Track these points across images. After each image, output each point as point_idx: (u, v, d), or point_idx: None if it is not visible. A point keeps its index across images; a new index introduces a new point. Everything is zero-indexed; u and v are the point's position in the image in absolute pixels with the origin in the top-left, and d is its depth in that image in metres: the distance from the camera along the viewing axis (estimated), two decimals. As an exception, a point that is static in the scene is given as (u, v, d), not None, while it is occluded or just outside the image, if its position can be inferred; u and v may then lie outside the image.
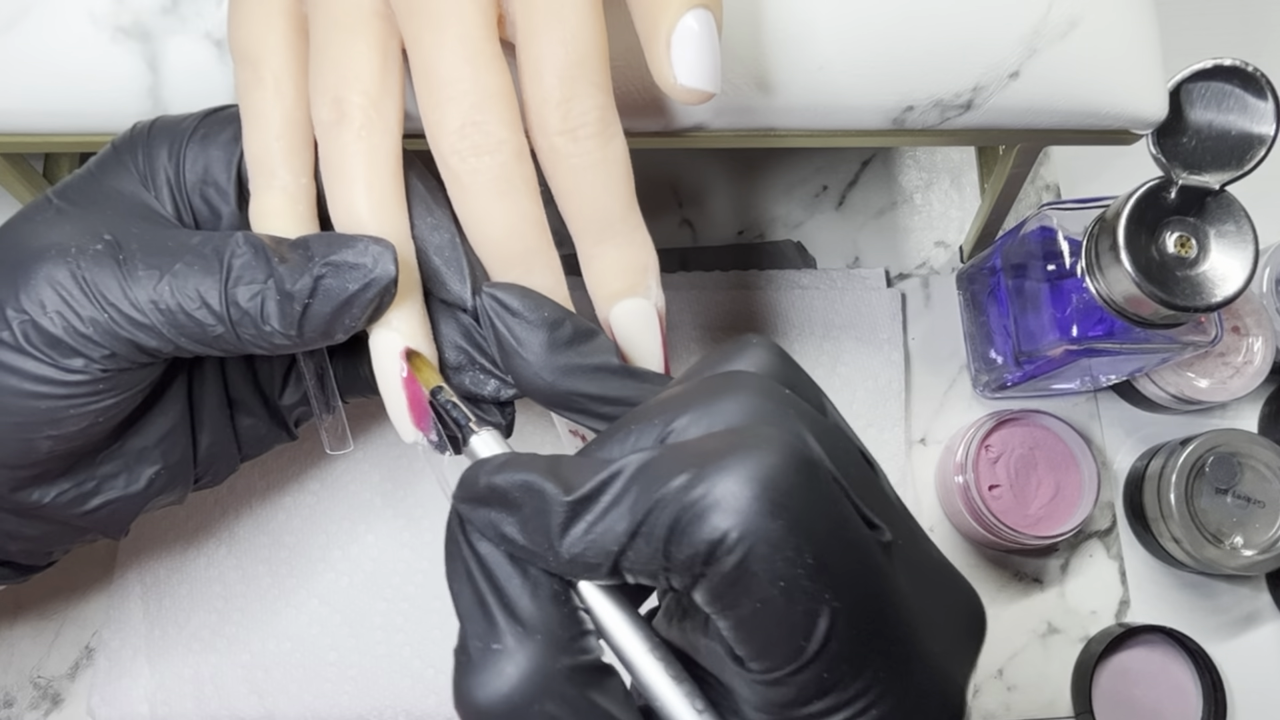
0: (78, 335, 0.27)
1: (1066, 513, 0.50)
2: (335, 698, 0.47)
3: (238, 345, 0.28)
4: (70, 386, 0.27)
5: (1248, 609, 0.52)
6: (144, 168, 0.30)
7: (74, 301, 0.26)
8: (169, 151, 0.30)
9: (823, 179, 0.57)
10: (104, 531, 0.34)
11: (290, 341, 0.27)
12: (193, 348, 0.28)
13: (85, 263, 0.27)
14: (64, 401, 0.28)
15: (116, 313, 0.27)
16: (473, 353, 0.30)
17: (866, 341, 0.53)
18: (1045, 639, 0.51)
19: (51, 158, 0.48)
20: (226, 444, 0.35)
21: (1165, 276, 0.39)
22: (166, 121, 0.30)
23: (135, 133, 0.30)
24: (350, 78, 0.27)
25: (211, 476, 0.35)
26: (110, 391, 0.28)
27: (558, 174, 0.27)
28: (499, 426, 0.31)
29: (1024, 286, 0.47)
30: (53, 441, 0.29)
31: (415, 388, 0.28)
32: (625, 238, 0.28)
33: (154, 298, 0.27)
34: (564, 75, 0.26)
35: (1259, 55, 0.39)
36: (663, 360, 0.30)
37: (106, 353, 0.27)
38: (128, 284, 0.27)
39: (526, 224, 0.27)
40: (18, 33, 0.33)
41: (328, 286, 0.27)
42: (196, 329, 0.27)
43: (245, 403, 0.35)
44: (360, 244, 0.27)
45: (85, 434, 0.29)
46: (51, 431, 0.28)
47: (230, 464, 0.36)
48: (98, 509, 0.32)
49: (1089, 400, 0.54)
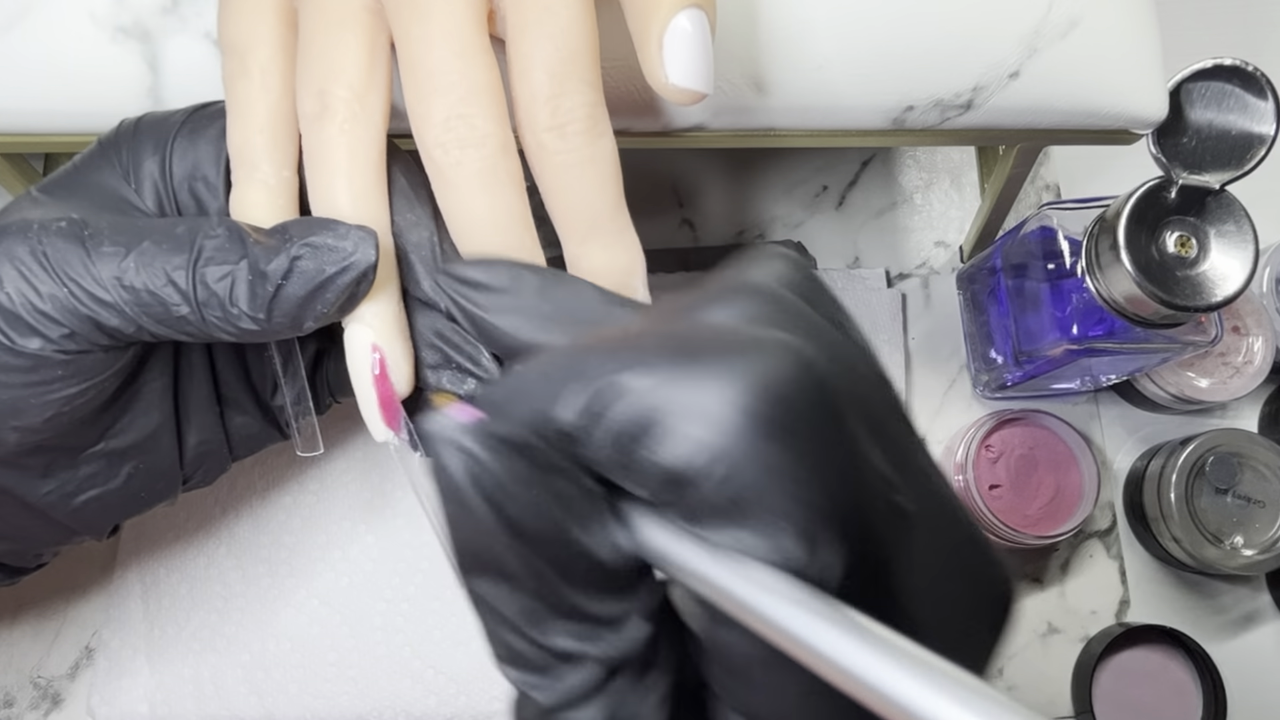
0: (35, 312, 0.26)
1: (1066, 513, 0.50)
2: (335, 698, 0.47)
3: (202, 328, 0.27)
4: (27, 371, 0.27)
5: (1248, 609, 0.52)
6: (128, 163, 0.29)
7: (33, 277, 0.26)
8: (154, 146, 0.29)
9: (823, 179, 0.57)
10: (90, 531, 0.33)
11: (257, 326, 0.27)
12: (156, 329, 0.27)
13: (47, 239, 0.26)
14: (23, 389, 0.27)
15: (77, 287, 0.26)
16: (449, 351, 0.29)
17: (866, 341, 0.53)
18: (1045, 639, 0.51)
19: (51, 158, 0.48)
20: (217, 444, 0.34)
21: (1165, 276, 0.39)
22: (153, 118, 0.30)
23: (121, 129, 0.30)
24: (336, 71, 0.27)
25: (201, 476, 0.35)
26: (71, 378, 0.27)
27: (545, 171, 0.27)
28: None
29: (1024, 286, 0.47)
30: (19, 434, 0.28)
31: (386, 385, 0.28)
32: (612, 238, 0.28)
33: (117, 274, 0.26)
34: (553, 71, 0.26)
35: (1259, 55, 0.39)
36: None
37: (65, 331, 0.26)
38: (91, 260, 0.26)
39: (510, 219, 0.27)
40: (18, 33, 0.33)
41: (303, 268, 0.26)
42: (160, 308, 0.26)
43: (237, 401, 0.34)
44: (341, 227, 0.26)
45: (51, 426, 0.28)
46: (14, 422, 0.28)
47: (221, 464, 0.35)
48: (81, 507, 0.32)
49: (1089, 400, 0.54)
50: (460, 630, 0.48)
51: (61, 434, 0.29)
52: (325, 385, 0.35)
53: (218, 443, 0.34)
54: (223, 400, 0.34)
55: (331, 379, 0.35)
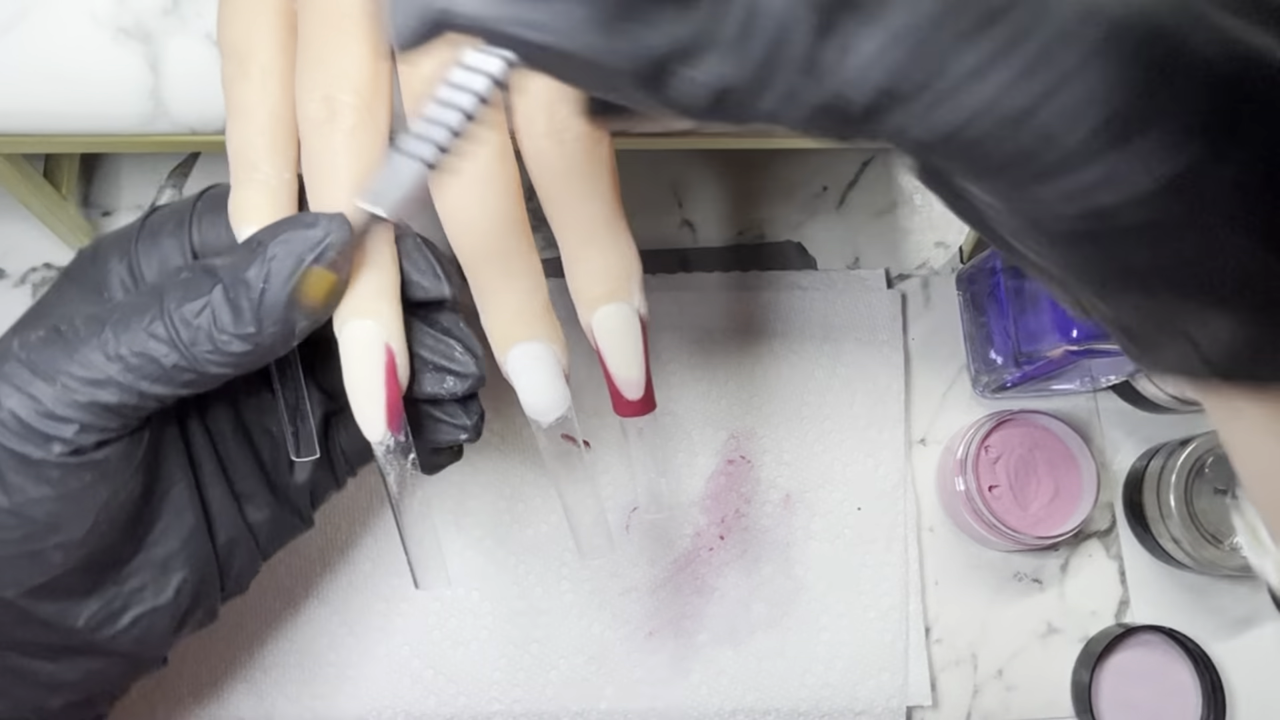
0: (41, 417, 0.26)
1: (1066, 513, 0.50)
2: (334, 698, 0.47)
3: (199, 369, 0.27)
4: (57, 483, 0.27)
5: (1248, 609, 0.52)
6: (98, 278, 0.30)
7: (29, 387, 0.26)
8: (119, 255, 0.30)
9: (823, 179, 0.57)
10: (141, 654, 0.33)
11: (251, 345, 0.26)
12: (155, 390, 0.27)
13: (31, 351, 0.26)
14: (57, 503, 0.27)
15: (69, 378, 0.26)
16: (424, 353, 0.29)
17: (866, 342, 0.53)
18: (1045, 639, 0.51)
19: (51, 158, 0.48)
20: (243, 539, 0.34)
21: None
22: (109, 235, 0.30)
23: (81, 255, 0.30)
24: (341, 76, 0.27)
25: (235, 579, 0.34)
26: (99, 481, 0.27)
27: (543, 177, 0.27)
28: (466, 429, 0.31)
29: (1024, 287, 0.47)
30: (63, 551, 0.28)
31: (394, 385, 0.28)
32: (609, 242, 0.28)
33: (100, 350, 0.26)
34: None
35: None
36: (644, 365, 0.29)
37: (75, 427, 0.26)
38: (73, 350, 0.26)
39: (506, 224, 0.27)
40: (18, 33, 0.33)
41: (279, 267, 0.26)
42: (151, 366, 0.26)
43: (253, 495, 0.34)
44: (309, 217, 0.26)
45: (91, 537, 0.28)
46: (56, 539, 0.27)
47: (251, 561, 0.35)
48: (130, 626, 0.31)
49: (1089, 400, 0.54)
50: (460, 630, 0.48)
51: (103, 545, 0.29)
52: (340, 456, 0.35)
53: (244, 538, 0.34)
54: (239, 496, 0.34)
55: (345, 447, 0.34)
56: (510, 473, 0.50)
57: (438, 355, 0.29)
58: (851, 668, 0.49)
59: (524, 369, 0.29)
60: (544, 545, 0.49)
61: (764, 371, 0.52)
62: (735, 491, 0.51)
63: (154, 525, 0.31)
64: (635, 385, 0.30)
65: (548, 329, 0.29)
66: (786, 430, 0.51)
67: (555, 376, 0.29)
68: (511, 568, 0.49)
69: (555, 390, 0.29)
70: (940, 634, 0.51)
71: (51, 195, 0.46)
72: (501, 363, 0.29)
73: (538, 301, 0.28)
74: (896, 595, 0.50)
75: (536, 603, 0.49)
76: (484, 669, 0.48)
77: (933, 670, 0.50)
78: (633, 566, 0.49)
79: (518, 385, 0.29)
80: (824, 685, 0.49)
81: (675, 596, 0.49)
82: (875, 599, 0.50)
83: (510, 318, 0.29)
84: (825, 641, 0.49)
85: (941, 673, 0.50)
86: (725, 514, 0.50)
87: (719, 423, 0.51)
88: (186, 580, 0.32)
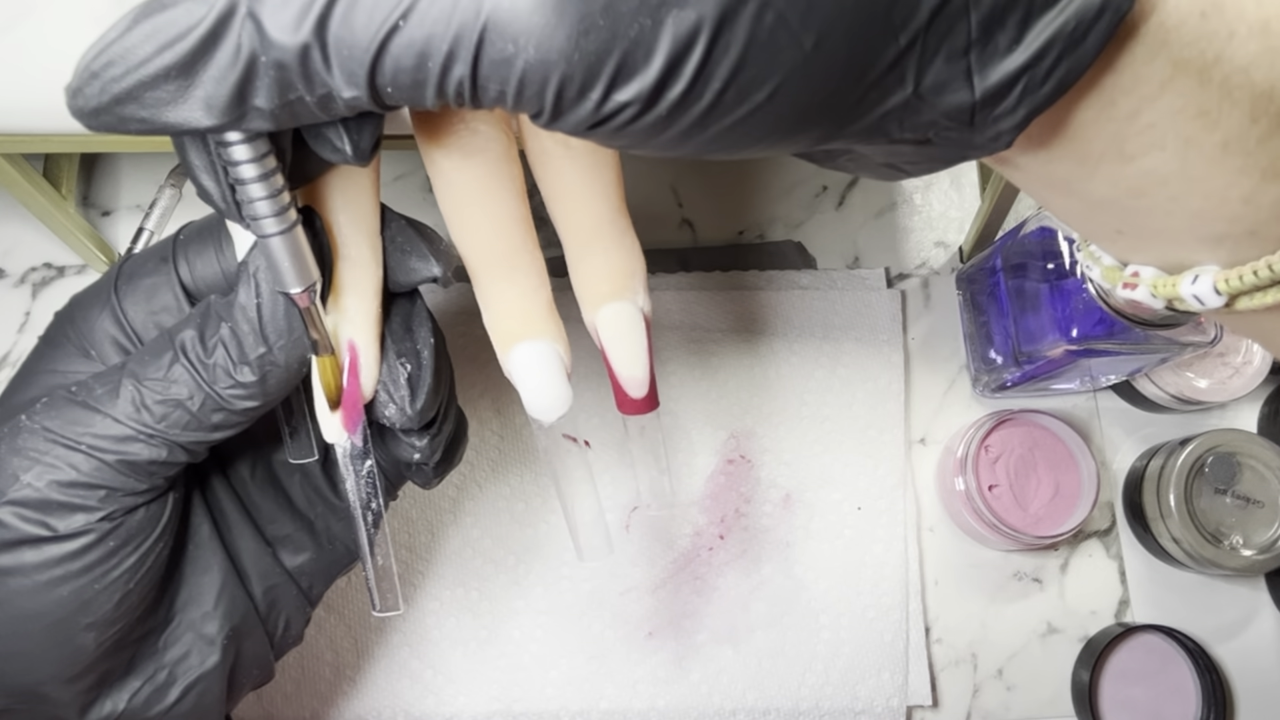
0: (65, 488, 0.25)
1: (1066, 513, 0.50)
2: (333, 698, 0.47)
3: (224, 408, 0.26)
4: (80, 557, 0.26)
5: (1248, 609, 0.52)
6: (81, 335, 0.29)
7: (48, 457, 0.25)
8: (100, 307, 0.29)
9: (823, 179, 0.57)
10: None
11: (263, 370, 0.26)
12: (184, 438, 0.26)
13: (43, 417, 0.26)
14: (82, 579, 0.26)
15: (95, 438, 0.25)
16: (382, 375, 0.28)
17: (866, 342, 0.53)
18: (1045, 639, 0.51)
19: (51, 158, 0.48)
20: (284, 585, 0.33)
21: (1165, 276, 0.39)
22: (83, 293, 0.30)
23: (59, 316, 0.30)
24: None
25: (285, 630, 0.33)
26: (125, 548, 0.27)
27: (547, 177, 0.27)
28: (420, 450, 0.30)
29: (1024, 287, 0.47)
30: (95, 632, 0.27)
31: (355, 385, 0.28)
32: (613, 242, 0.28)
33: (123, 405, 0.26)
34: None
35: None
36: (648, 363, 0.29)
37: (102, 493, 0.26)
38: (93, 408, 0.26)
39: (511, 224, 0.27)
40: (18, 33, 0.33)
41: (265, 278, 0.26)
42: (178, 412, 0.26)
43: (287, 539, 0.33)
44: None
45: (122, 611, 0.27)
46: (87, 619, 0.27)
47: (300, 608, 0.34)
48: (180, 700, 0.30)
49: (1089, 400, 0.54)
50: (459, 630, 0.48)
51: (134, 619, 0.28)
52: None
53: (284, 586, 0.33)
54: (271, 542, 0.33)
55: (384, 462, 0.33)
56: (510, 473, 0.50)
57: (389, 381, 0.29)
58: (851, 667, 0.49)
59: (526, 368, 0.29)
60: (544, 545, 0.49)
61: (764, 371, 0.52)
62: (735, 491, 0.51)
63: (182, 586, 0.30)
64: (640, 383, 0.29)
65: (551, 328, 0.29)
66: (786, 430, 0.51)
67: (558, 376, 0.29)
68: (511, 568, 0.49)
69: (558, 390, 0.29)
70: (940, 634, 0.51)
71: (51, 195, 0.46)
72: (504, 362, 0.29)
73: (541, 300, 0.28)
74: (896, 595, 0.50)
75: (536, 603, 0.49)
76: (484, 669, 0.48)
77: (933, 670, 0.50)
78: (633, 566, 0.49)
79: (520, 385, 0.29)
80: (824, 684, 0.49)
81: (675, 596, 0.49)
82: (875, 599, 0.50)
83: (513, 316, 0.28)
84: (825, 641, 0.49)
85: (941, 672, 0.50)
86: (725, 514, 0.50)
87: (719, 422, 0.51)
88: (230, 639, 0.31)
